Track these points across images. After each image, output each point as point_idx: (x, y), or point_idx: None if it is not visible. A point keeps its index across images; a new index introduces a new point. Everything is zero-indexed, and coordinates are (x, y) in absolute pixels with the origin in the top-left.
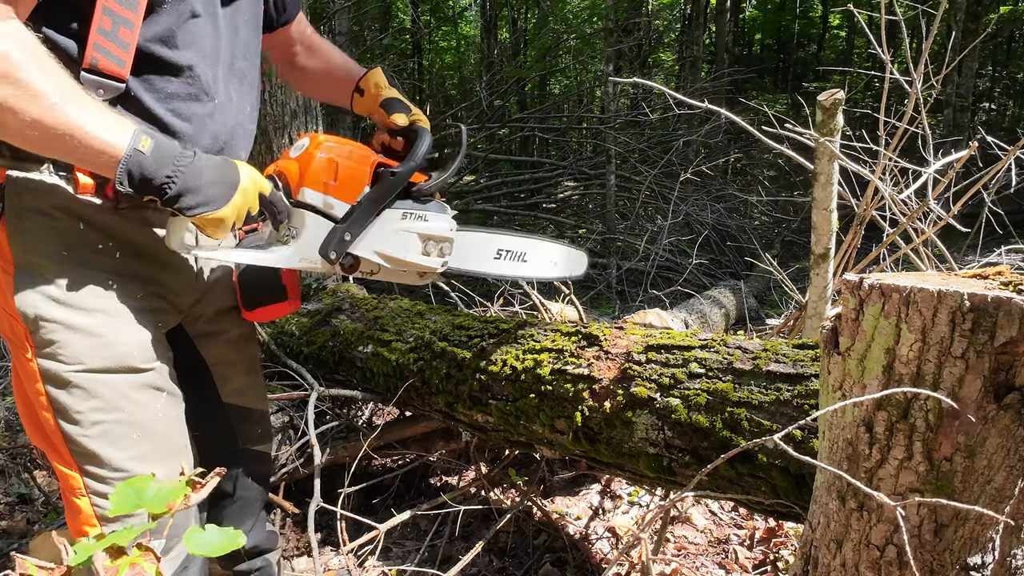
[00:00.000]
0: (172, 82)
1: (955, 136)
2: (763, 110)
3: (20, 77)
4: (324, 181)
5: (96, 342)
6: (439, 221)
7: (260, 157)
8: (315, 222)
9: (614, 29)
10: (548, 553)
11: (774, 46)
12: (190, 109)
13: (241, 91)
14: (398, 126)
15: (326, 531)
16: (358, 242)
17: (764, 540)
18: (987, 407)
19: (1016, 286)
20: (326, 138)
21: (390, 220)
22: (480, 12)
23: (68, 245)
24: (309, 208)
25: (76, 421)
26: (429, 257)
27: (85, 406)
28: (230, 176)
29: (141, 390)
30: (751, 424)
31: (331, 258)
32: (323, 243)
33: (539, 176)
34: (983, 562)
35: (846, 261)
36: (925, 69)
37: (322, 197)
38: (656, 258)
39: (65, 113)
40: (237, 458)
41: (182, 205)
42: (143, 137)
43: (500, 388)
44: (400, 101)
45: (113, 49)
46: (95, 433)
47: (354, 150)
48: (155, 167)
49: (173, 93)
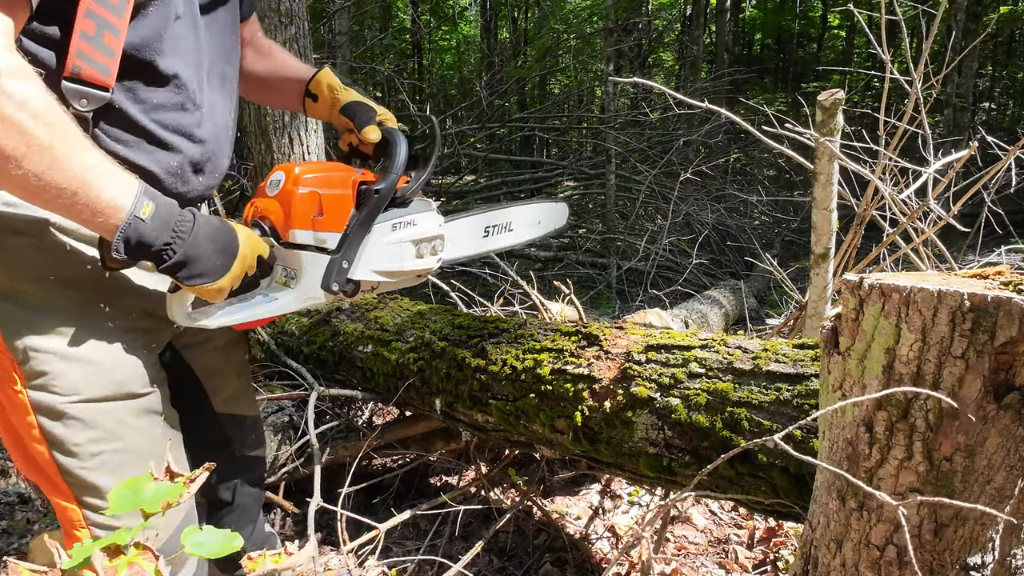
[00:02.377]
0: (158, 92)
1: (955, 136)
2: (763, 110)
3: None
4: (311, 218)
5: (92, 370)
6: (428, 221)
7: (260, 157)
8: (311, 260)
9: (614, 29)
10: (548, 553)
11: (774, 46)
12: (177, 120)
13: (224, 96)
14: (372, 141)
15: (326, 531)
16: (356, 266)
17: (764, 540)
18: (987, 407)
19: (1016, 286)
20: (302, 169)
21: (381, 235)
22: (480, 12)
23: (53, 268)
24: (302, 248)
25: (73, 453)
26: (424, 259)
27: (83, 437)
28: (229, 244)
29: (141, 416)
30: (751, 424)
31: (334, 290)
32: (324, 278)
33: (539, 176)
34: (983, 562)
35: (846, 261)
36: (925, 69)
37: (312, 234)
38: (656, 258)
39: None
40: (234, 466)
41: (181, 275)
42: (145, 203)
43: (500, 388)
44: (363, 105)
45: (97, 56)
46: (94, 464)
47: (332, 175)
48: (154, 235)
49: (160, 104)
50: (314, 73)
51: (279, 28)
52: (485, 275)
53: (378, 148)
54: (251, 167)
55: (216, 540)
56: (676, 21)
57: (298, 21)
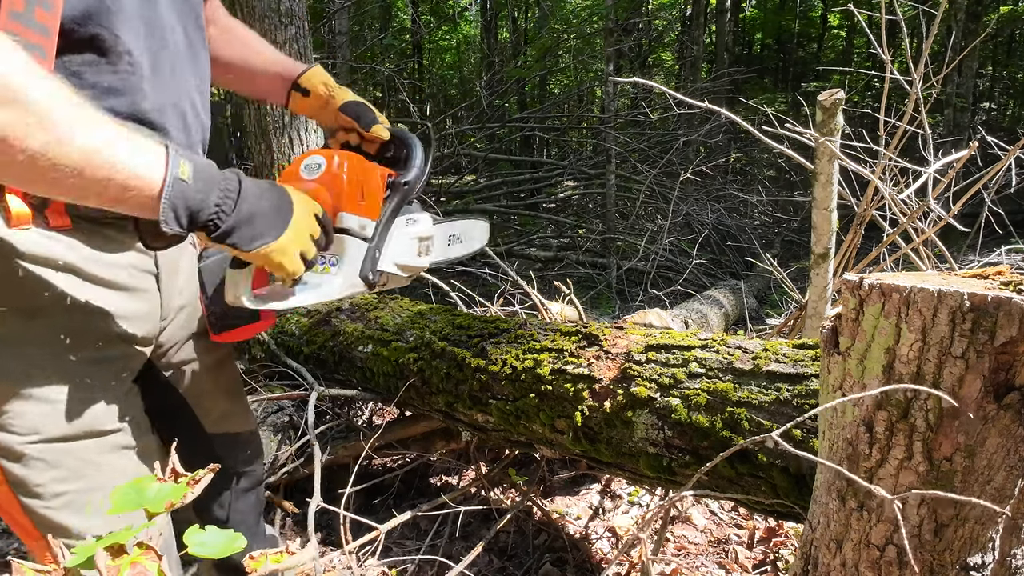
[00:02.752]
0: (106, 72)
1: (955, 136)
2: (763, 110)
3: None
4: (357, 201)
5: (52, 409)
6: (425, 221)
7: (260, 157)
8: (355, 245)
9: (614, 29)
10: (548, 553)
11: (774, 46)
12: (134, 105)
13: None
14: (382, 139)
15: (326, 531)
16: (383, 257)
17: (764, 540)
18: (987, 407)
19: (1016, 286)
20: (343, 156)
21: (399, 229)
22: (480, 12)
23: (7, 298)
24: (347, 232)
25: (36, 495)
26: (422, 257)
27: (45, 478)
28: (283, 199)
29: (109, 453)
30: (751, 424)
31: (370, 280)
32: (362, 266)
33: (539, 176)
34: (983, 562)
35: (846, 261)
36: (925, 69)
37: (357, 219)
38: (656, 258)
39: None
40: (228, 484)
41: (238, 239)
42: (181, 161)
43: (500, 388)
44: (364, 105)
45: (30, 36)
46: (59, 504)
47: (365, 165)
48: (201, 197)
49: (112, 87)
50: (305, 68)
51: (279, 28)
52: (485, 275)
53: (382, 148)
54: (251, 167)
55: (219, 540)
56: (676, 21)
57: (298, 21)
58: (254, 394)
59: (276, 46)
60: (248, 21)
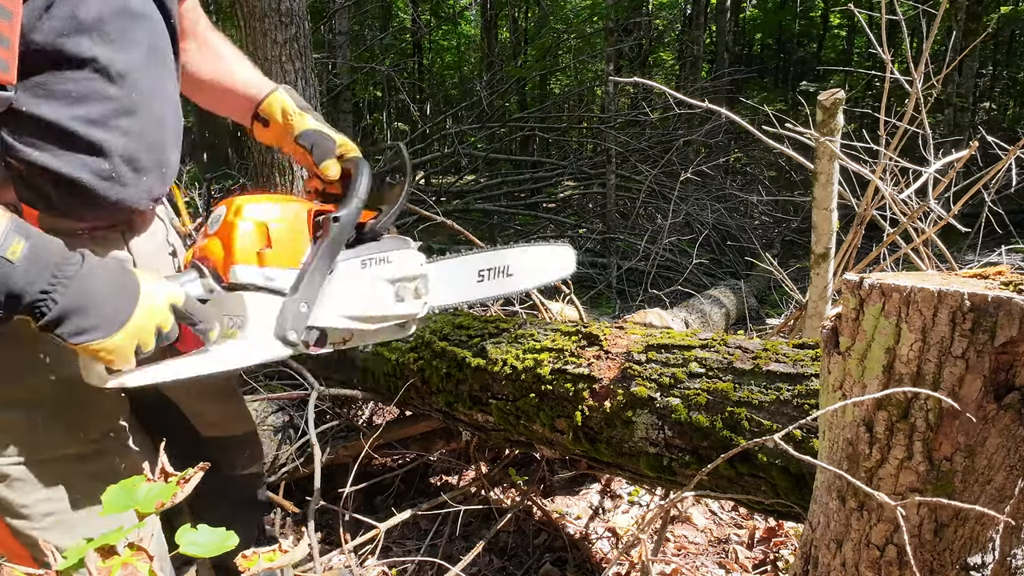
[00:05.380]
0: (76, 81)
1: (955, 136)
2: (763, 110)
3: None
4: (256, 251)
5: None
6: (405, 259)
7: (260, 156)
8: (259, 303)
9: (614, 28)
10: (548, 553)
11: (774, 46)
12: (102, 112)
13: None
14: (330, 179)
15: (326, 530)
16: (318, 310)
17: (764, 540)
18: (987, 407)
19: (1016, 286)
20: (244, 200)
21: (350, 273)
22: (480, 12)
23: None
24: (247, 288)
25: (24, 516)
26: (405, 302)
27: (30, 499)
28: (129, 290)
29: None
30: (751, 424)
31: (291, 339)
32: (277, 324)
33: (539, 176)
34: (983, 562)
35: (846, 261)
36: (925, 69)
37: (258, 271)
38: (656, 258)
39: None
40: (228, 487)
41: (63, 331)
42: (13, 241)
43: (500, 388)
44: (321, 134)
45: None
46: (48, 524)
47: (283, 205)
48: (25, 281)
49: (79, 96)
50: (267, 93)
51: (279, 28)
52: None
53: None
54: (251, 167)
55: (211, 539)
56: (676, 21)
57: (298, 21)
58: (254, 394)
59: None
60: (248, 21)
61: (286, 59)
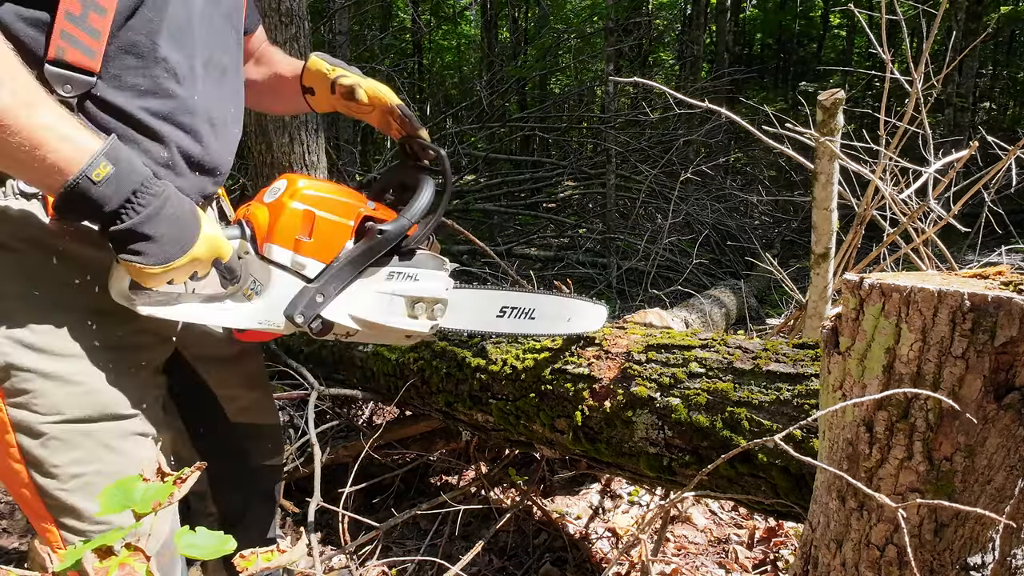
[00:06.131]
0: (146, 76)
1: (955, 136)
2: (763, 109)
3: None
4: (295, 237)
5: (75, 390)
6: (432, 280)
7: (260, 156)
8: (283, 280)
9: (614, 29)
10: (548, 552)
11: (774, 46)
12: (167, 107)
13: (223, 90)
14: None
15: (326, 530)
16: (332, 304)
17: (764, 540)
18: (987, 407)
19: (1016, 286)
20: (307, 183)
21: (374, 281)
22: (480, 11)
23: (39, 283)
24: (276, 265)
25: (53, 475)
26: (416, 320)
27: (63, 459)
28: (188, 234)
29: (125, 438)
30: (751, 424)
31: (298, 321)
32: (290, 303)
33: (539, 176)
34: (983, 562)
35: (846, 261)
36: (925, 69)
37: (291, 256)
38: (656, 258)
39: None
40: (251, 476)
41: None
42: (101, 164)
43: (500, 387)
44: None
45: (82, 37)
46: (74, 487)
47: (338, 200)
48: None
49: (148, 90)
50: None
51: (279, 28)
52: (485, 275)
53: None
54: (251, 166)
55: (210, 542)
56: (676, 21)
57: (298, 20)
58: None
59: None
60: None
61: None
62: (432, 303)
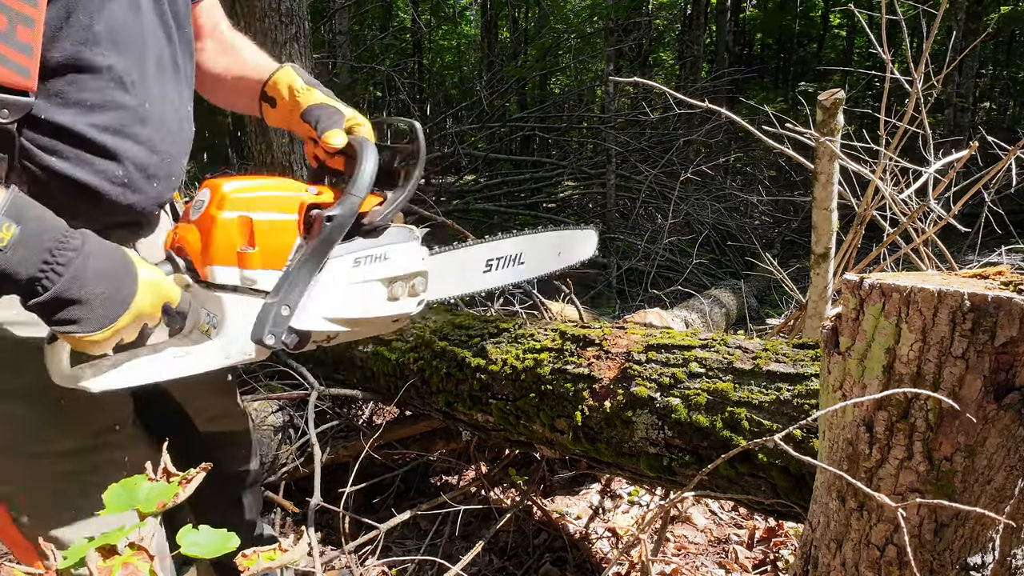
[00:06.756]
0: (92, 89)
1: (955, 136)
2: (763, 109)
3: None
4: (237, 251)
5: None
6: (405, 254)
7: (261, 156)
8: (237, 304)
9: (614, 28)
10: (548, 552)
11: (774, 46)
12: (118, 120)
13: (174, 86)
14: (334, 148)
15: (326, 530)
16: (300, 313)
17: (764, 540)
18: (987, 407)
19: (1016, 286)
20: (232, 186)
21: (339, 273)
22: (480, 11)
23: None
24: (225, 289)
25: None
26: (399, 301)
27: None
28: (123, 288)
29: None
30: (751, 424)
31: (268, 342)
32: (255, 326)
33: (539, 175)
34: (983, 562)
35: (846, 261)
36: (925, 69)
37: (238, 273)
38: (656, 257)
39: None
40: (225, 484)
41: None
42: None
43: (500, 387)
44: (328, 108)
45: (12, 55)
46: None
47: (273, 195)
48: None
49: (95, 104)
50: (272, 73)
51: (279, 28)
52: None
53: (348, 163)
54: (252, 167)
55: (212, 540)
56: (676, 21)
57: (298, 21)
58: (254, 394)
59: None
60: (248, 21)
61: (286, 59)
62: (411, 278)
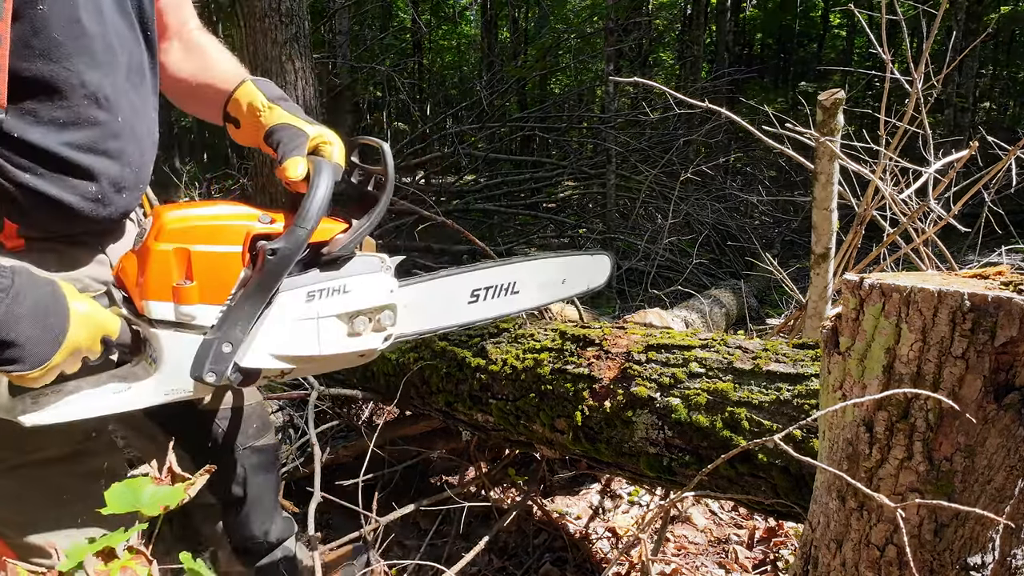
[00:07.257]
0: (64, 107)
1: (955, 136)
2: (763, 109)
3: None
4: (172, 285)
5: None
6: (368, 286)
7: (261, 156)
8: (174, 340)
9: (614, 29)
10: (548, 552)
11: (774, 45)
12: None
13: (143, 93)
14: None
15: (326, 530)
16: (246, 349)
17: (764, 540)
18: (987, 407)
19: (1016, 286)
20: (174, 215)
21: (289, 308)
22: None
23: None
24: (160, 324)
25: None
26: (360, 337)
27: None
28: (57, 323)
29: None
30: (751, 424)
31: (208, 380)
32: (194, 363)
33: (539, 176)
34: (983, 562)
35: (846, 261)
36: (925, 69)
37: (173, 308)
38: (656, 257)
39: None
40: (240, 460)
41: None
42: None
43: (500, 387)
44: (290, 129)
45: None
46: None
47: (216, 225)
48: None
49: (68, 121)
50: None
51: (279, 28)
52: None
53: None
54: (252, 166)
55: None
56: (676, 21)
57: (298, 21)
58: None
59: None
60: (248, 21)
61: (286, 59)
62: (375, 312)
